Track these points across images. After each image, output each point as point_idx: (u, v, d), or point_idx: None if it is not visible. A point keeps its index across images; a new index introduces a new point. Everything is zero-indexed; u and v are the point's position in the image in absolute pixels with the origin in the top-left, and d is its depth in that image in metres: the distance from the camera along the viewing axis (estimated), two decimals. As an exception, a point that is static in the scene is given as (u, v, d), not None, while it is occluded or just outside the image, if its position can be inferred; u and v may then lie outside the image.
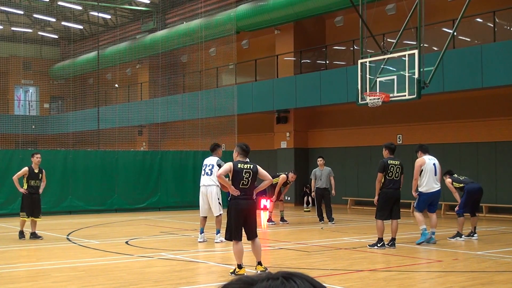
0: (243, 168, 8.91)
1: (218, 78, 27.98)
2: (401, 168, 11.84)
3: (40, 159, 13.85)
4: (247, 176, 8.89)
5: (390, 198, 11.72)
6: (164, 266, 10.10)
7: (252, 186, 8.96)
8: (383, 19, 21.14)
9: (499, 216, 18.60)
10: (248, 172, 8.90)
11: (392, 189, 11.72)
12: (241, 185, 8.86)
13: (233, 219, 8.91)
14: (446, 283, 8.40)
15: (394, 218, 11.80)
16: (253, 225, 9.05)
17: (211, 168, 12.78)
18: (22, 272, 9.72)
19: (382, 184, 11.77)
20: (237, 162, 9.00)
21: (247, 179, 8.90)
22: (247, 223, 8.96)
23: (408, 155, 21.46)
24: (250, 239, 9.06)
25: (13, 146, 27.76)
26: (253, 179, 8.96)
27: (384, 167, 11.73)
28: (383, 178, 11.74)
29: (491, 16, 18.54)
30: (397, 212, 11.84)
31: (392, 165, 11.74)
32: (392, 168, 11.72)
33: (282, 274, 1.27)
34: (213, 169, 12.66)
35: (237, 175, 8.87)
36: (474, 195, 13.19)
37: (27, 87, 39.65)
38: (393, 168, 11.72)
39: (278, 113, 24.93)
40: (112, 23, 36.05)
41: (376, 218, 11.99)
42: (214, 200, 12.81)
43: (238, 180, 8.86)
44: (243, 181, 8.86)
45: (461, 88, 17.85)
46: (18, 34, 35.44)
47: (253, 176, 8.96)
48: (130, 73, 35.50)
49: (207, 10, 28.28)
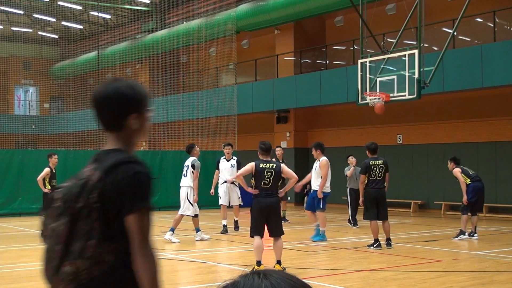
0: (265, 167, 8.96)
1: (218, 78, 27.99)
2: (384, 167, 11.83)
3: (57, 159, 14.26)
4: (268, 176, 8.94)
5: (374, 197, 11.72)
6: (164, 266, 10.10)
7: (274, 185, 9.04)
8: (383, 19, 21.14)
9: (499, 216, 18.60)
10: (270, 171, 8.95)
11: (374, 188, 11.73)
12: (263, 184, 8.97)
13: (254, 217, 9.04)
14: (446, 283, 8.40)
15: (382, 219, 11.76)
16: (276, 222, 9.13)
17: (186, 169, 13.13)
18: (22, 272, 9.73)
19: (366, 184, 11.80)
20: (259, 161, 9.05)
21: (268, 178, 8.95)
22: (269, 221, 9.03)
23: (408, 155, 21.51)
24: (273, 236, 9.10)
25: (13, 146, 27.76)
26: (275, 178, 9.00)
27: (367, 168, 11.78)
28: (367, 179, 11.78)
29: (491, 16, 18.54)
30: (384, 213, 11.78)
31: (375, 165, 11.77)
32: (375, 169, 11.75)
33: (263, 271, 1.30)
34: (188, 170, 13.03)
35: (259, 174, 8.99)
36: (478, 193, 13.19)
37: (27, 87, 39.66)
38: (375, 168, 11.75)
39: (278, 113, 24.93)
40: (112, 23, 36.05)
41: (364, 219, 12.09)
42: (184, 201, 13.03)
43: (260, 179, 8.98)
44: (265, 180, 8.97)
45: (461, 88, 17.85)
46: (18, 34, 35.44)
47: (276, 175, 8.99)
48: (130, 73, 35.50)
49: (207, 10, 28.28)
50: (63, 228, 2.56)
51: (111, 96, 2.68)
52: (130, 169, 2.57)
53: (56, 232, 2.57)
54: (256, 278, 1.27)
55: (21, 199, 19.79)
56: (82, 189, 2.56)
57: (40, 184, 13.98)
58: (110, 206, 2.54)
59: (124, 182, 2.54)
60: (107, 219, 2.54)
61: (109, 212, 2.54)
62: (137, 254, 2.60)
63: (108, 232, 2.55)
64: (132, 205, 2.55)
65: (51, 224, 2.60)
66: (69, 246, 2.55)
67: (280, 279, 1.27)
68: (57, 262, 2.57)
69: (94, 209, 2.53)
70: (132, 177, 2.56)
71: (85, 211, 2.53)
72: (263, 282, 1.26)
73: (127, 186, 2.55)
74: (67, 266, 2.55)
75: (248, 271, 1.35)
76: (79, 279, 2.53)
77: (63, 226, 2.56)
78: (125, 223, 2.56)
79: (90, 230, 2.53)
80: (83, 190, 2.55)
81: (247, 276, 1.29)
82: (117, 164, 2.57)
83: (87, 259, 2.53)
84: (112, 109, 2.68)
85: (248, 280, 1.28)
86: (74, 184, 2.59)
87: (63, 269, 2.56)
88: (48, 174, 14.02)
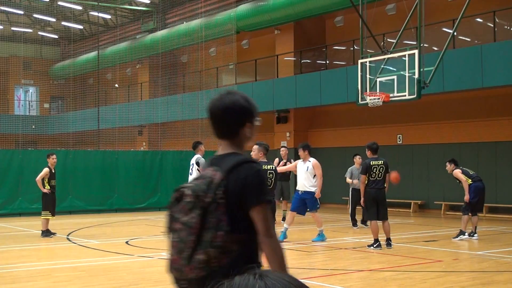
0: (267, 169, 8.94)
1: (218, 78, 27.99)
2: (385, 167, 11.84)
3: (56, 159, 14.24)
4: (270, 177, 8.94)
5: (374, 197, 11.72)
6: (164, 266, 10.09)
7: (275, 186, 9.03)
8: (383, 19, 21.14)
9: (499, 216, 18.60)
10: (272, 172, 8.94)
11: (374, 188, 11.73)
12: None
13: None
14: (446, 283, 8.40)
15: (382, 219, 11.76)
16: None
17: (192, 168, 13.33)
18: (22, 272, 9.73)
19: (366, 184, 11.79)
20: (262, 163, 9.00)
21: (270, 179, 8.93)
22: None
23: (408, 155, 21.50)
24: None
25: (13, 146, 27.77)
26: (275, 179, 9.04)
27: (367, 168, 11.77)
28: (367, 179, 11.77)
29: (491, 16, 18.53)
30: (384, 213, 11.78)
31: (375, 166, 11.77)
32: (375, 169, 11.75)
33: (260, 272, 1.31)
34: (193, 168, 13.22)
35: None
36: (479, 194, 13.18)
37: (27, 87, 39.65)
38: (376, 169, 11.75)
39: (278, 113, 24.93)
40: (112, 23, 36.05)
41: (364, 219, 12.08)
42: None
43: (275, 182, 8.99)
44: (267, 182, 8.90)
45: (461, 88, 17.84)
46: (18, 34, 35.44)
47: (276, 176, 9.03)
48: (130, 73, 35.51)
49: (207, 10, 28.28)
50: (195, 220, 2.82)
51: (228, 108, 3.04)
52: (252, 168, 2.93)
53: (189, 224, 2.84)
54: (252, 278, 1.28)
55: (21, 199, 19.79)
56: (209, 186, 2.87)
57: (39, 184, 13.96)
58: (234, 200, 2.86)
59: (248, 179, 2.89)
60: (232, 212, 2.85)
61: (233, 206, 2.86)
62: (264, 242, 2.90)
63: (234, 224, 2.85)
64: (257, 199, 2.89)
65: (182, 218, 2.85)
66: (201, 237, 2.82)
67: (276, 279, 1.27)
68: (189, 251, 2.83)
69: (220, 204, 2.84)
70: (254, 175, 2.92)
71: (213, 206, 2.83)
72: (257, 282, 1.26)
73: (251, 182, 2.89)
74: (199, 254, 2.82)
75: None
76: (210, 267, 2.81)
77: (195, 218, 2.82)
78: (250, 215, 2.88)
79: (218, 222, 2.82)
80: (210, 187, 2.86)
81: (243, 275, 1.29)
82: (238, 164, 2.93)
83: (217, 248, 2.81)
84: (229, 120, 3.05)
85: (244, 280, 1.28)
86: (201, 182, 2.90)
87: (195, 258, 2.82)
88: (47, 174, 13.98)
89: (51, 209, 14.02)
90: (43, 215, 14.02)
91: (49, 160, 14.11)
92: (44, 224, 14.04)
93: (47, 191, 13.99)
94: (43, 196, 14.08)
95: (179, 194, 2.90)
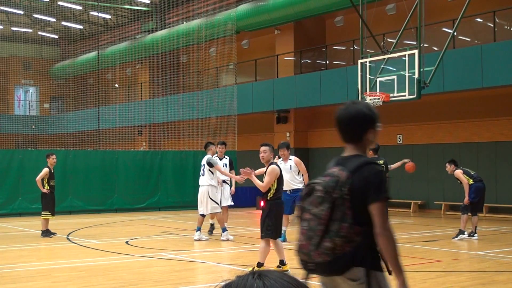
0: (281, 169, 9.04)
1: (218, 78, 27.98)
2: (385, 167, 11.86)
3: (55, 159, 14.25)
4: None
5: None
6: (164, 266, 10.10)
7: None
8: (383, 19, 21.14)
9: (499, 216, 18.60)
10: None
11: None
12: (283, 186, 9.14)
13: (277, 218, 8.96)
14: (446, 283, 8.40)
15: None
16: None
17: (203, 168, 13.22)
18: (22, 272, 9.72)
19: None
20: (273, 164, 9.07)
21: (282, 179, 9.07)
22: None
23: (408, 155, 21.48)
24: None
25: (13, 146, 27.77)
26: None
27: None
28: None
29: (491, 16, 18.53)
30: None
31: None
32: None
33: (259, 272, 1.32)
34: (205, 168, 13.14)
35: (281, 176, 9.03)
36: (480, 194, 13.18)
37: (27, 87, 39.66)
38: None
39: (278, 113, 24.93)
40: (112, 23, 36.05)
41: None
42: (208, 200, 13.09)
43: (281, 181, 9.05)
44: None
45: (461, 88, 17.84)
46: (18, 34, 35.44)
47: None
48: (130, 73, 35.51)
49: (207, 10, 28.29)
50: (325, 212, 3.28)
51: (354, 116, 3.47)
52: (374, 168, 3.38)
53: (318, 216, 3.29)
54: (250, 278, 1.28)
55: (21, 199, 19.80)
56: (336, 184, 3.30)
57: (39, 184, 13.97)
58: (357, 197, 3.29)
59: (370, 178, 3.32)
60: (355, 207, 3.28)
61: (357, 202, 3.29)
62: (380, 234, 3.30)
63: (356, 218, 3.28)
64: (377, 196, 3.31)
65: (312, 210, 3.31)
66: (328, 227, 3.27)
67: (274, 279, 1.27)
68: (318, 239, 3.28)
69: (346, 199, 3.28)
70: (376, 174, 3.35)
71: (340, 201, 3.27)
72: (256, 282, 1.26)
73: (373, 181, 3.32)
74: (327, 242, 3.27)
75: (248, 271, 1.35)
76: (335, 253, 3.26)
77: (324, 211, 3.28)
78: (369, 210, 3.31)
79: (343, 215, 3.27)
80: (337, 184, 3.30)
81: (242, 275, 1.29)
82: (362, 165, 3.36)
83: (342, 237, 3.25)
84: (356, 126, 3.48)
85: (242, 280, 1.28)
86: (329, 180, 3.34)
87: (323, 245, 3.27)
88: (46, 174, 13.98)
89: (50, 209, 14.03)
90: (43, 215, 14.04)
91: (49, 160, 14.13)
92: (44, 224, 14.06)
93: (46, 191, 14.00)
94: (43, 196, 14.09)
95: (309, 188, 3.38)
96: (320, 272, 3.37)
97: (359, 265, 3.30)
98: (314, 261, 3.31)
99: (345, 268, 3.29)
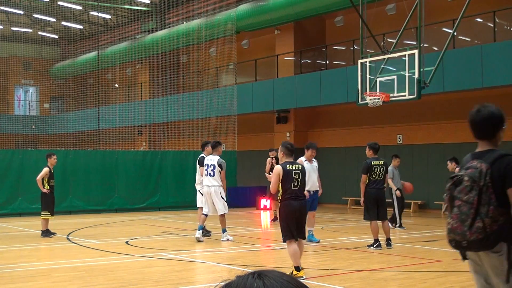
0: (293, 169, 8.60)
1: (218, 78, 27.98)
2: (385, 167, 11.86)
3: (56, 160, 14.26)
4: (297, 177, 8.56)
5: (374, 198, 11.72)
6: (164, 266, 10.11)
7: (302, 186, 8.73)
8: (383, 19, 21.14)
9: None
10: (298, 172, 8.56)
11: (375, 189, 11.73)
12: (292, 186, 8.60)
13: (286, 220, 8.65)
14: (446, 283, 8.40)
15: (381, 219, 11.76)
16: (303, 225, 8.87)
17: (213, 169, 13.00)
18: (22, 272, 9.73)
19: (366, 184, 11.79)
20: (286, 163, 8.70)
21: (297, 180, 8.57)
22: (297, 224, 8.70)
23: (408, 155, 21.48)
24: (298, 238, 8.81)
25: (13, 146, 27.77)
26: (303, 180, 8.67)
27: (368, 168, 11.76)
28: (367, 179, 11.77)
29: (491, 16, 18.53)
30: (384, 213, 11.79)
31: (376, 166, 11.77)
32: (376, 169, 11.75)
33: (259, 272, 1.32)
34: (215, 169, 12.95)
35: (287, 177, 8.57)
36: None
37: (27, 87, 39.66)
38: (377, 169, 11.75)
39: (278, 113, 24.93)
40: (112, 23, 36.05)
41: (364, 220, 12.04)
42: (219, 199, 13.01)
43: (289, 181, 8.59)
44: (294, 182, 8.60)
45: (461, 88, 17.84)
46: (18, 34, 35.44)
47: (303, 176, 8.68)
48: (130, 73, 35.51)
49: (207, 10, 28.29)
50: (474, 198, 4.01)
51: (488, 117, 4.26)
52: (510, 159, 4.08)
53: (469, 201, 4.02)
54: (250, 277, 1.28)
55: (21, 199, 19.80)
56: (480, 174, 4.04)
57: (39, 184, 13.97)
58: (498, 184, 4.01)
59: (508, 167, 4.04)
60: (497, 192, 4.00)
61: (498, 188, 4.01)
62: None
63: (499, 201, 4.00)
64: None
65: (463, 197, 4.05)
66: (478, 210, 3.99)
67: (274, 279, 1.27)
68: (470, 221, 4.00)
69: (489, 186, 4.01)
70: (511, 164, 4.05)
71: (485, 188, 4.01)
72: (256, 281, 1.26)
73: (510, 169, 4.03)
74: (478, 223, 3.98)
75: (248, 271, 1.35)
76: (485, 232, 3.97)
77: (473, 197, 4.01)
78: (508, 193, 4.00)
79: (489, 200, 4.00)
80: (481, 174, 4.03)
81: (242, 275, 1.30)
82: (500, 157, 4.10)
83: (490, 218, 3.97)
84: (490, 126, 4.26)
85: (242, 279, 1.28)
86: (473, 172, 4.07)
87: (475, 225, 3.98)
88: (47, 174, 13.99)
89: (50, 209, 14.04)
90: (43, 215, 14.04)
91: (49, 160, 14.13)
92: (43, 224, 14.06)
93: (46, 191, 14.00)
94: (42, 196, 14.08)
95: (456, 180, 4.13)
96: (473, 248, 4.07)
97: (504, 240, 3.98)
98: (469, 239, 4.00)
99: (494, 243, 3.98)
